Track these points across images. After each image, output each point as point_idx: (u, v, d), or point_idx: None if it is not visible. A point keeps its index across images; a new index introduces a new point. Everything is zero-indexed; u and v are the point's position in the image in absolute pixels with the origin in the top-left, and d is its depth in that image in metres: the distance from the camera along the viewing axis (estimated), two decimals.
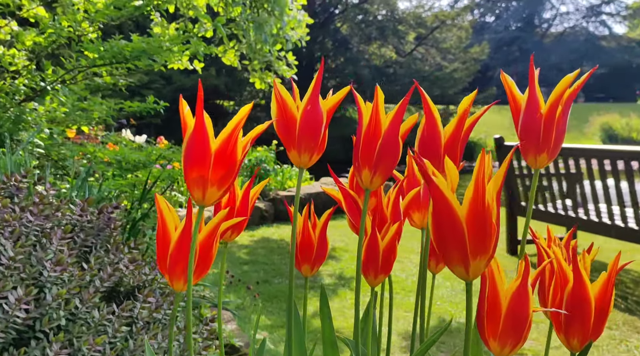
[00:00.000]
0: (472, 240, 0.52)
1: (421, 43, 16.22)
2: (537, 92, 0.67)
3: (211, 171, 0.56)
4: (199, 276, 0.64)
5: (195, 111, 0.56)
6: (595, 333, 0.64)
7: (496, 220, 0.54)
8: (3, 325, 1.02)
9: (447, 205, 0.52)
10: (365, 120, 0.66)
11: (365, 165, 0.65)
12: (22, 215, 1.24)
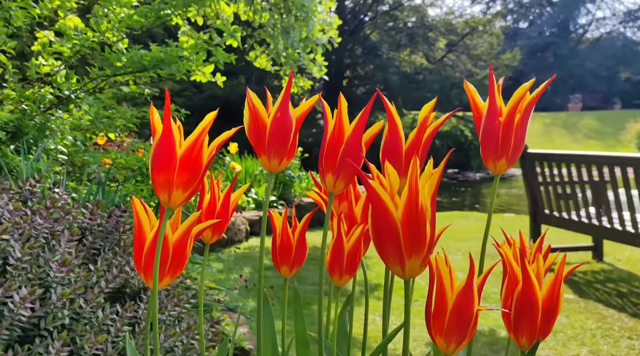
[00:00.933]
0: (407, 241, 0.54)
1: (451, 50, 16.12)
2: (496, 100, 0.69)
3: (176, 175, 0.59)
4: (173, 274, 0.67)
5: (163, 118, 0.59)
6: (543, 332, 0.65)
7: (431, 222, 0.55)
8: (8, 322, 1.06)
9: (383, 207, 0.54)
10: (330, 127, 0.68)
11: (328, 170, 0.67)
12: (33, 218, 1.30)
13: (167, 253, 0.65)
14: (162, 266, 0.65)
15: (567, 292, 3.33)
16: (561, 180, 3.79)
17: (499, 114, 0.68)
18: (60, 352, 1.09)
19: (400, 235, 0.54)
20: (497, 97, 0.69)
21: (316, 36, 4.87)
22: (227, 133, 0.62)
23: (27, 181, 1.45)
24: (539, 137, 19.17)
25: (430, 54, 16.14)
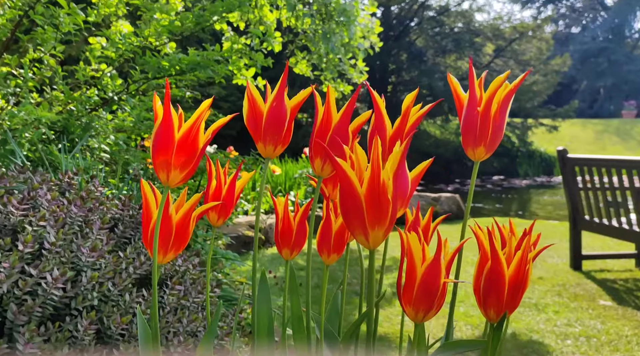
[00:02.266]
0: (370, 213, 0.58)
1: (499, 55, 15.90)
2: (476, 91, 0.72)
3: (174, 157, 0.65)
4: (176, 251, 0.74)
5: (163, 105, 0.65)
6: (510, 306, 0.67)
7: (392, 197, 0.59)
8: (40, 300, 1.15)
9: (349, 183, 0.58)
10: (319, 115, 0.73)
11: (317, 155, 0.72)
12: (69, 207, 1.39)
13: (170, 230, 0.72)
14: (166, 242, 0.72)
15: (605, 299, 3.27)
16: (602, 185, 3.72)
17: (478, 104, 0.72)
18: (88, 330, 1.18)
19: (364, 209, 0.58)
20: (477, 89, 0.72)
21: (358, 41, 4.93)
22: (223, 119, 0.68)
23: (66, 174, 1.55)
24: (590, 145, 18.65)
25: (476, 59, 15.95)
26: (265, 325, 0.79)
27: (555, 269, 3.95)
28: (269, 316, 0.80)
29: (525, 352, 2.46)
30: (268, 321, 0.79)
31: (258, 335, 0.77)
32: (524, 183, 12.89)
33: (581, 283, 3.63)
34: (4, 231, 1.29)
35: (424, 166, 0.86)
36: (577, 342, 2.58)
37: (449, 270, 0.66)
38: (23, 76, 2.27)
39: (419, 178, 0.86)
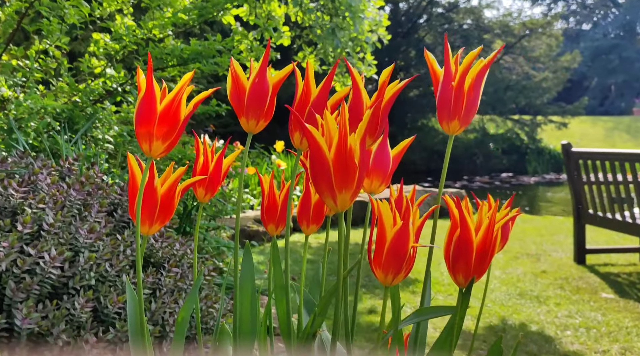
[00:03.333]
0: (337, 177, 0.61)
1: (508, 52, 15.83)
2: (451, 66, 0.74)
3: (156, 128, 0.68)
4: (161, 223, 0.76)
5: (146, 78, 0.68)
6: (478, 272, 0.69)
7: (360, 162, 0.62)
8: (38, 278, 1.19)
9: (318, 148, 0.60)
10: (299, 90, 0.76)
11: (296, 128, 0.74)
12: (68, 191, 1.43)
13: (155, 202, 0.74)
14: (151, 214, 0.74)
15: (607, 291, 3.27)
16: (605, 179, 3.72)
17: (453, 79, 0.74)
18: (85, 308, 1.21)
19: (332, 172, 0.60)
20: (452, 64, 0.74)
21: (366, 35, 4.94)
22: (204, 93, 0.70)
23: (67, 160, 1.58)
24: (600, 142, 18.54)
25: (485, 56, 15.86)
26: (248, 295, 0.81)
27: (559, 264, 3.95)
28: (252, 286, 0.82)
29: (524, 342, 2.47)
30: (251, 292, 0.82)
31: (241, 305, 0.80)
32: (533, 180, 12.84)
33: (584, 276, 3.63)
34: (4, 213, 1.32)
35: (406, 143, 0.88)
36: (577, 333, 2.59)
37: (418, 236, 0.68)
38: (29, 67, 2.31)
39: (400, 155, 0.88)
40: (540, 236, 5.05)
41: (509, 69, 15.88)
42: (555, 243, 4.72)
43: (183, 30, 2.88)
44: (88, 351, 1.13)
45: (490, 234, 0.68)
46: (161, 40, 2.92)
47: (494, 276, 3.64)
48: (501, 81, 15.01)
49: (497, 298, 3.17)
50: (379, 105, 0.75)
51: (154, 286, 1.41)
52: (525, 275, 3.65)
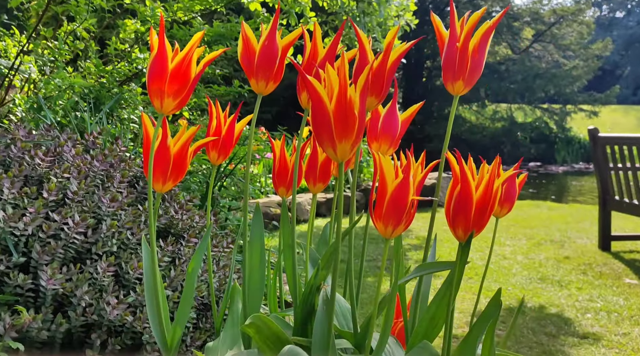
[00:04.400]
0: (337, 127, 0.63)
1: (538, 39, 15.57)
2: (456, 28, 0.76)
3: (167, 85, 0.71)
4: (174, 181, 0.80)
5: (158, 38, 0.71)
6: (477, 226, 0.71)
7: (359, 113, 0.64)
8: (62, 243, 1.24)
9: (319, 100, 0.63)
10: (307, 51, 0.78)
11: (303, 89, 0.77)
12: (92, 162, 1.48)
13: (168, 161, 0.78)
14: (164, 172, 0.78)
15: (631, 277, 3.23)
16: (632, 165, 3.66)
17: (458, 40, 0.75)
18: (107, 271, 1.26)
19: (332, 123, 0.63)
20: (457, 26, 0.76)
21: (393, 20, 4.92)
22: (214, 53, 0.73)
23: (91, 134, 1.63)
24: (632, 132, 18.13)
25: (514, 44, 15.65)
26: (258, 251, 0.84)
27: (583, 250, 3.91)
28: (261, 244, 0.85)
29: (543, 324, 2.47)
30: (261, 249, 0.85)
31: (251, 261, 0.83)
32: (561, 169, 12.67)
33: (608, 262, 3.59)
34: (30, 181, 1.37)
35: (415, 109, 0.90)
36: (597, 316, 2.58)
37: (419, 191, 0.70)
38: (57, 48, 2.37)
39: (409, 120, 0.90)
40: (565, 223, 5.00)
41: (538, 57, 15.61)
42: (581, 230, 4.67)
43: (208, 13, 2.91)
44: (109, 312, 1.18)
45: (490, 189, 0.70)
46: (186, 23, 2.96)
47: (516, 261, 3.63)
48: (530, 69, 14.78)
49: (517, 282, 3.17)
50: (383, 64, 0.77)
51: (174, 254, 1.45)
52: (547, 261, 3.62)
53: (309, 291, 0.77)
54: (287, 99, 9.59)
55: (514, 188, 0.90)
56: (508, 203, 0.90)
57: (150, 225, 0.75)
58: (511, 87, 14.58)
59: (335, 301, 0.84)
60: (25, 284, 1.16)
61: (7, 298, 1.13)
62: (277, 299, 0.93)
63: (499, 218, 0.93)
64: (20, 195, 1.28)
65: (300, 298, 0.77)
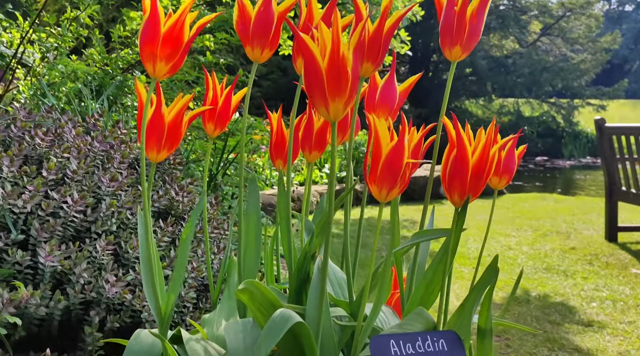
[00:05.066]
0: (330, 85, 0.62)
1: (545, 33, 15.46)
2: None
3: (160, 49, 0.70)
4: (169, 150, 0.79)
5: (150, 1, 0.70)
6: (473, 190, 0.70)
7: (352, 71, 0.63)
8: (61, 221, 1.23)
9: (312, 57, 0.62)
10: (303, 15, 0.77)
11: (298, 54, 0.76)
12: (92, 143, 1.47)
13: (162, 128, 0.77)
14: (159, 139, 0.77)
15: (638, 268, 3.21)
16: (639, 155, 3.63)
17: (455, 4, 0.74)
18: (106, 250, 1.25)
19: (325, 81, 0.62)
20: None
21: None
22: (207, 17, 0.72)
23: (92, 116, 1.63)
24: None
25: (522, 37, 15.54)
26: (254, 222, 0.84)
27: (589, 241, 3.88)
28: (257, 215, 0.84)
29: (547, 312, 2.45)
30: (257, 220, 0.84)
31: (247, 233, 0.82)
32: (568, 163, 12.60)
33: (615, 253, 3.56)
34: (30, 161, 1.37)
35: (413, 80, 0.89)
36: (603, 305, 2.56)
37: (416, 155, 0.69)
38: (61, 34, 2.37)
39: (407, 92, 0.89)
40: (572, 215, 4.97)
41: (546, 50, 15.51)
42: (587, 221, 4.65)
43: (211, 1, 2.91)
44: (108, 289, 1.18)
45: (487, 153, 0.69)
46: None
47: (521, 251, 3.61)
48: (537, 62, 14.68)
49: (523, 271, 3.15)
50: (380, 30, 0.76)
51: (174, 235, 1.45)
52: (553, 251, 3.60)
53: (304, 258, 0.76)
54: (293, 90, 9.57)
55: (513, 159, 0.89)
56: (507, 174, 0.89)
57: (143, 192, 0.75)
58: (518, 81, 14.49)
59: (332, 271, 0.83)
60: (24, 261, 1.16)
61: (6, 272, 1.13)
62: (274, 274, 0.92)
63: (498, 189, 0.92)
64: (19, 174, 1.28)
65: (295, 266, 0.77)
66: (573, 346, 2.10)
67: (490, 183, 0.91)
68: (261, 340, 0.60)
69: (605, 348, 2.08)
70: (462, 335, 0.69)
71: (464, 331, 0.70)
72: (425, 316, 0.72)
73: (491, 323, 0.73)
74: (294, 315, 0.62)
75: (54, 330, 1.19)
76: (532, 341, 2.16)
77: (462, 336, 0.69)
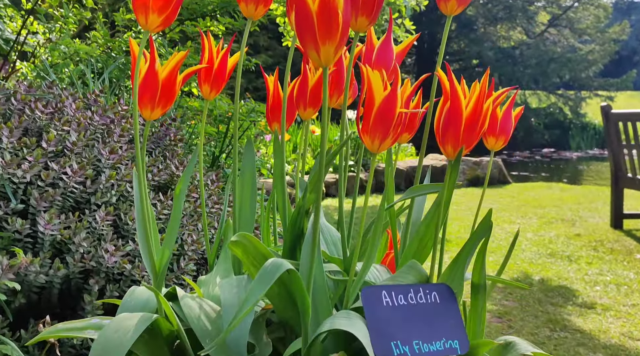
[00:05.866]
0: (321, 28, 0.62)
1: (553, 23, 15.35)
2: None
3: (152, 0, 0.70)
4: (163, 108, 0.79)
5: None
6: (467, 142, 0.69)
7: (343, 15, 0.62)
8: (60, 191, 1.24)
9: (303, 1, 0.61)
10: None
11: (291, 8, 0.75)
12: (92, 117, 1.47)
13: (156, 86, 0.77)
14: (152, 97, 0.77)
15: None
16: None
17: None
18: (105, 220, 1.26)
19: (315, 24, 0.61)
20: None
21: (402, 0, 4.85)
22: None
23: (93, 92, 1.63)
24: None
25: (529, 28, 15.44)
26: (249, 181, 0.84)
27: (594, 228, 3.87)
28: (252, 173, 0.84)
29: (550, 295, 2.45)
30: (252, 178, 0.84)
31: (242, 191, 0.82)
32: (575, 155, 12.54)
33: (620, 239, 3.55)
34: (30, 133, 1.38)
35: (411, 40, 0.88)
36: (607, 288, 2.55)
37: (407, 105, 0.69)
38: (63, 15, 2.37)
39: (404, 53, 0.89)
40: (578, 203, 4.95)
41: (553, 41, 15.41)
42: (593, 209, 4.63)
43: None
44: (107, 259, 1.18)
45: (480, 104, 0.68)
46: None
47: (526, 237, 3.60)
48: (545, 53, 14.59)
49: (526, 257, 3.14)
50: None
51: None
52: (558, 238, 3.59)
53: (297, 213, 0.76)
54: None
55: (510, 119, 0.88)
56: (503, 135, 0.88)
57: (136, 144, 0.74)
58: (525, 72, 14.39)
59: (327, 231, 0.83)
60: (23, 229, 1.16)
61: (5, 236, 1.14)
62: (270, 235, 0.92)
63: (494, 150, 0.91)
64: (19, 145, 1.28)
65: (290, 221, 0.76)
66: (575, 327, 2.10)
67: (487, 143, 0.90)
68: (252, 287, 0.60)
69: (607, 329, 2.08)
70: (455, 288, 0.68)
71: (456, 284, 0.69)
72: (418, 269, 0.72)
73: (485, 279, 0.73)
74: (285, 262, 0.62)
75: (54, 298, 1.20)
76: (534, 322, 2.16)
77: (455, 289, 0.68)
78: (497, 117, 0.88)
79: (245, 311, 0.58)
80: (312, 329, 0.66)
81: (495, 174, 6.22)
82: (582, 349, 1.91)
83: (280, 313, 0.74)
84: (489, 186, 6.15)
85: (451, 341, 0.63)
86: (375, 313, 0.62)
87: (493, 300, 2.39)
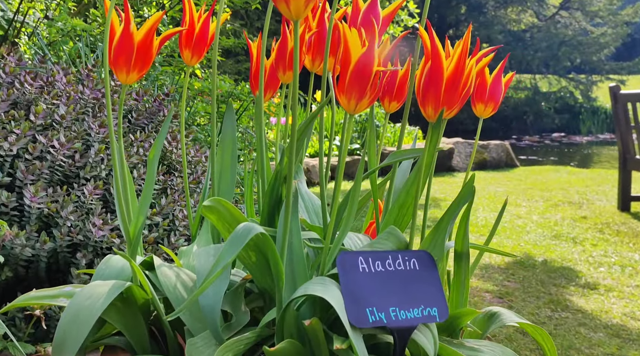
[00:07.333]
0: None
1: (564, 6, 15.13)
2: None
3: None
4: (139, 71, 0.76)
5: None
6: (448, 103, 0.66)
7: None
8: (48, 164, 1.22)
9: None
10: None
11: None
12: (83, 91, 1.45)
13: (131, 48, 0.74)
14: (127, 60, 0.74)
15: None
16: None
17: None
18: (93, 194, 1.24)
19: None
20: None
21: None
22: None
23: (86, 67, 1.61)
24: None
25: (540, 11, 15.22)
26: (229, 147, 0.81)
27: (601, 210, 3.82)
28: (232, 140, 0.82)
29: (553, 276, 2.42)
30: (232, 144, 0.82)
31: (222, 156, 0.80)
32: (585, 139, 12.41)
33: (627, 222, 3.50)
34: (19, 106, 1.36)
35: (398, 4, 0.85)
36: (611, 269, 2.52)
37: (385, 64, 0.66)
38: None
39: (391, 17, 0.86)
40: (585, 186, 4.89)
41: (565, 24, 15.19)
42: (600, 192, 4.57)
43: None
44: (95, 233, 1.17)
45: (462, 63, 0.65)
46: None
47: (531, 220, 3.57)
48: (555, 36, 14.39)
49: (530, 239, 3.11)
50: None
51: (165, 185, 1.43)
52: (563, 220, 3.55)
53: (275, 178, 0.74)
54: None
55: (499, 85, 0.85)
56: (492, 102, 0.85)
57: (107, 106, 0.72)
58: (536, 56, 14.22)
59: (308, 199, 0.81)
60: (9, 202, 1.15)
61: None
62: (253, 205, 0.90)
63: (483, 117, 0.88)
64: (7, 118, 1.26)
65: (268, 187, 0.74)
66: (577, 307, 2.07)
67: (476, 110, 0.87)
68: (223, 250, 0.58)
69: (609, 309, 2.05)
70: (436, 255, 0.66)
71: (437, 251, 0.67)
72: (397, 235, 0.70)
73: (468, 247, 0.70)
74: (256, 226, 0.60)
75: (42, 272, 1.18)
76: (535, 303, 2.13)
77: (436, 256, 0.66)
78: (486, 83, 0.85)
79: (215, 274, 0.56)
80: (287, 296, 0.64)
81: (503, 158, 6.17)
82: (583, 329, 1.88)
83: (259, 282, 0.72)
84: (496, 169, 6.10)
85: (430, 308, 0.61)
86: (350, 279, 0.60)
87: (494, 281, 2.37)
